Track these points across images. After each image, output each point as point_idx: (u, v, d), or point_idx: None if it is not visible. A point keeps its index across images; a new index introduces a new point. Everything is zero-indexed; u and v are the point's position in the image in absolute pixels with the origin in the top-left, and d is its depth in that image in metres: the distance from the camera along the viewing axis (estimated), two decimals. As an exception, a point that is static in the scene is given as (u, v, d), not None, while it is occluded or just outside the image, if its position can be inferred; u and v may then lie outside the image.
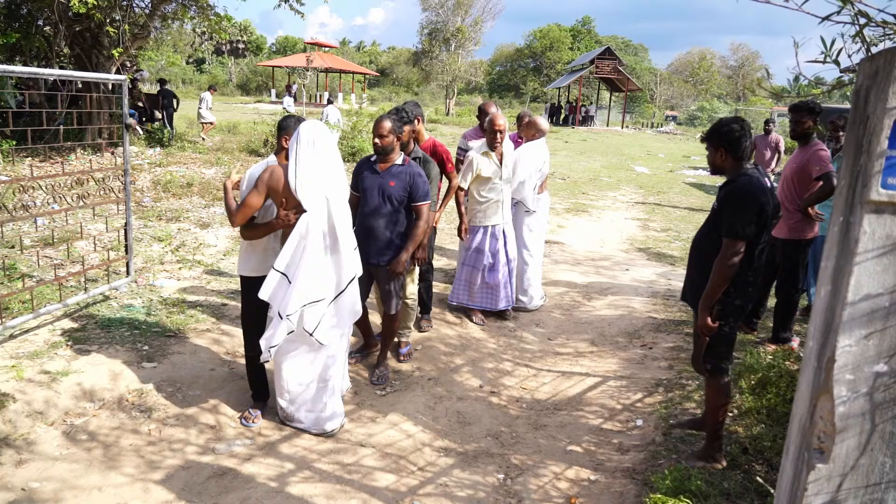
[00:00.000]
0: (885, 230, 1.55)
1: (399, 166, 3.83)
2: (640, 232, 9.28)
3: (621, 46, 61.60)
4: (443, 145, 4.88)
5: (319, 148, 3.08)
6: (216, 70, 55.62)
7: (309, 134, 3.06)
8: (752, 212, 2.73)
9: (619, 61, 37.97)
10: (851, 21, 1.71)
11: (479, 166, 4.87)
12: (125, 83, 4.90)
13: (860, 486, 1.65)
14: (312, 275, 3.12)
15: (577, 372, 4.44)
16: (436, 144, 4.81)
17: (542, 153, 5.41)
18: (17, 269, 5.06)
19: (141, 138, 12.23)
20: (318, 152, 3.07)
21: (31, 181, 4.35)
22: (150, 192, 8.45)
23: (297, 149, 3.05)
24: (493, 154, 4.89)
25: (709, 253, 2.90)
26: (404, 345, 4.51)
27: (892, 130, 1.50)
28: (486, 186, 4.94)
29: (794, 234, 4.39)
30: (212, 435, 3.40)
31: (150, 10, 11.19)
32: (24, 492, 2.81)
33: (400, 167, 3.82)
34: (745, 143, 2.84)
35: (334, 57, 39.91)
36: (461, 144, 5.65)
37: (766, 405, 3.45)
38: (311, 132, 3.07)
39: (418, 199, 3.85)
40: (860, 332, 1.60)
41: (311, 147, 3.05)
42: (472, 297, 5.18)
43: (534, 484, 3.10)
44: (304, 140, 3.05)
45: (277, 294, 3.15)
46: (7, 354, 3.80)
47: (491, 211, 5.00)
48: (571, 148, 21.97)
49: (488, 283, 5.10)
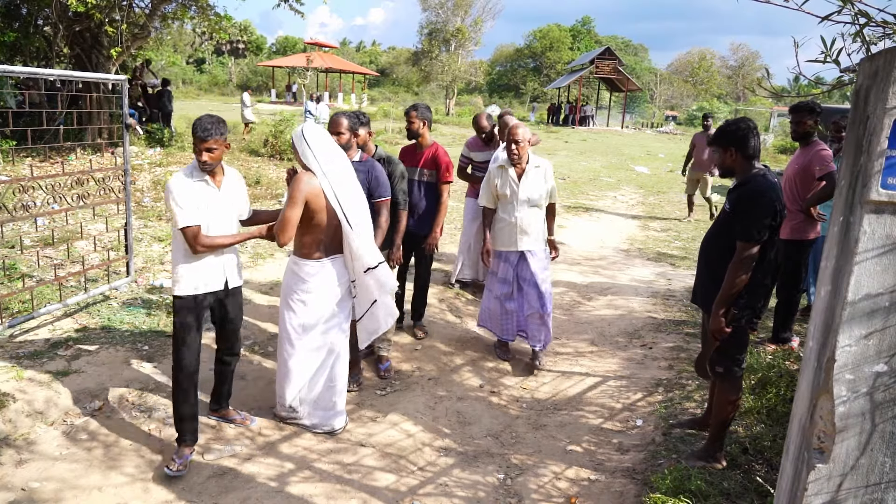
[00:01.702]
0: (885, 230, 1.55)
1: (357, 163, 3.73)
2: (640, 232, 9.27)
3: (621, 46, 61.59)
4: (446, 154, 4.63)
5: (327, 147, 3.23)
6: (216, 70, 55.59)
7: (314, 136, 3.19)
8: (766, 215, 2.73)
9: (619, 61, 37.95)
10: (851, 21, 1.71)
11: (494, 181, 4.31)
12: (125, 83, 4.90)
13: (860, 486, 1.65)
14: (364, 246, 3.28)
15: (577, 372, 4.44)
16: (437, 151, 4.60)
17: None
18: (17, 269, 5.06)
19: (141, 138, 12.22)
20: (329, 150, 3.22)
21: (31, 181, 4.35)
22: (150, 191, 8.45)
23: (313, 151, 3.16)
24: (510, 169, 4.26)
25: (719, 255, 2.89)
26: (384, 360, 4.24)
27: (892, 130, 1.50)
28: (500, 205, 4.34)
29: (796, 234, 4.39)
30: (212, 435, 3.40)
31: (150, 10, 11.19)
32: (25, 492, 2.81)
33: (358, 163, 3.73)
34: (753, 141, 2.84)
35: (334, 57, 39.90)
36: (464, 152, 5.66)
37: (766, 405, 3.45)
38: (316, 133, 3.21)
39: (377, 195, 3.76)
40: (860, 331, 1.60)
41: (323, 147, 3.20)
42: (493, 324, 4.56)
43: (534, 484, 3.10)
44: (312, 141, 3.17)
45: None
46: (7, 354, 3.80)
47: (504, 235, 4.33)
48: (571, 148, 21.96)
49: (507, 312, 4.46)
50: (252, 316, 4.82)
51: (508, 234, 4.30)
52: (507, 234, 4.31)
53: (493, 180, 4.29)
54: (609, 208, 11.00)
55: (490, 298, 4.49)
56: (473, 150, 5.61)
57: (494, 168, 4.32)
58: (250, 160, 11.29)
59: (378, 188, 3.77)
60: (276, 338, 4.48)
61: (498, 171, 4.28)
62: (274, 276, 5.68)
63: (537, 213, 4.29)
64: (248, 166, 10.61)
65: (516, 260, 4.34)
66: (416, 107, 4.61)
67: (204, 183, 3.06)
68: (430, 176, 4.61)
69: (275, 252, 6.40)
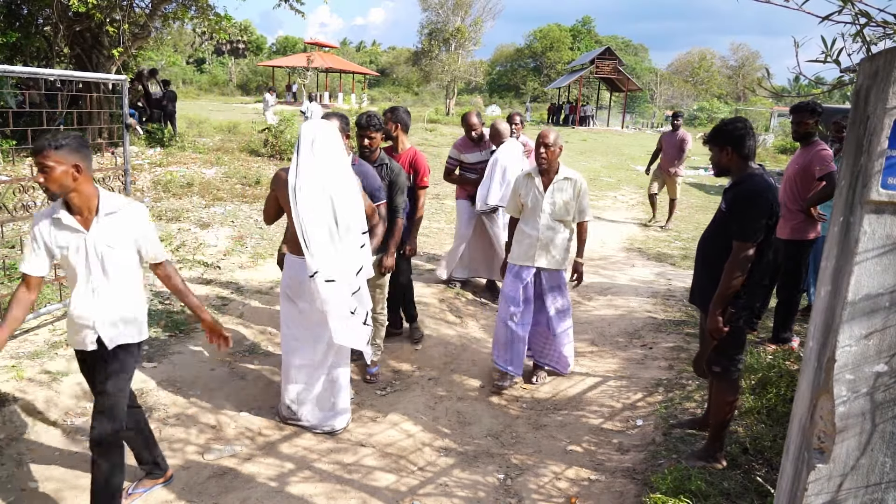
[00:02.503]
0: (885, 230, 1.55)
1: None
2: (640, 232, 9.27)
3: (621, 46, 61.55)
4: (423, 158, 4.56)
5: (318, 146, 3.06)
6: (216, 70, 55.57)
7: (308, 133, 3.07)
8: (763, 214, 2.73)
9: (619, 61, 37.94)
10: (852, 21, 1.71)
11: (520, 190, 4.01)
12: (125, 83, 4.90)
13: (860, 486, 1.65)
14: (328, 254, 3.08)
15: (577, 372, 4.44)
16: (415, 156, 4.56)
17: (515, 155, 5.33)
18: (17, 269, 5.05)
19: (141, 138, 12.21)
20: (316, 151, 3.05)
21: (31, 181, 4.35)
22: (150, 192, 8.44)
23: (299, 148, 3.07)
24: (536, 178, 3.94)
25: (716, 255, 2.89)
26: (372, 364, 4.19)
27: (892, 130, 1.50)
28: (523, 217, 4.04)
29: (796, 234, 4.39)
30: (212, 435, 3.40)
31: (150, 10, 11.18)
32: (25, 491, 2.81)
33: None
34: (749, 141, 2.84)
35: (334, 57, 39.90)
36: (452, 154, 5.57)
37: (767, 405, 3.45)
38: (311, 131, 3.08)
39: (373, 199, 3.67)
40: (860, 331, 1.60)
41: (311, 146, 3.05)
42: (498, 353, 4.16)
43: (534, 484, 3.10)
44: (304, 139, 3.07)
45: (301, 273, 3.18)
46: (7, 354, 3.80)
47: (521, 248, 4.00)
48: (571, 148, 21.94)
49: (513, 339, 4.05)
50: (252, 316, 4.83)
51: (527, 248, 3.97)
52: (526, 248, 3.98)
53: (518, 189, 4.03)
54: (609, 208, 11.00)
55: (497, 323, 4.15)
56: (463, 151, 5.52)
57: (521, 176, 4.04)
58: (250, 160, 11.28)
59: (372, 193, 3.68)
60: (276, 338, 4.48)
61: (524, 179, 4.00)
62: (274, 276, 5.68)
63: (562, 229, 3.95)
64: (249, 166, 10.61)
65: (530, 277, 3.99)
66: (392, 110, 4.61)
67: (60, 220, 2.40)
68: (409, 180, 4.50)
69: (275, 252, 6.39)
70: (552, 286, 4.05)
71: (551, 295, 4.06)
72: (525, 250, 3.99)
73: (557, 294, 4.09)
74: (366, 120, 3.98)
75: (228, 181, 9.31)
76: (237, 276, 5.64)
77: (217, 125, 16.14)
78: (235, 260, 6.06)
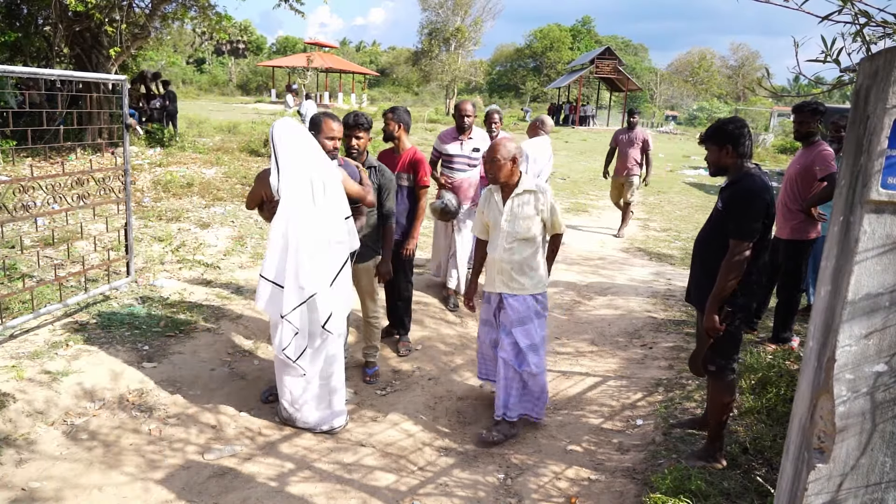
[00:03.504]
0: (885, 230, 1.55)
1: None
2: (640, 232, 9.27)
3: (621, 46, 61.58)
4: (423, 157, 4.51)
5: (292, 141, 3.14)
6: (216, 70, 55.57)
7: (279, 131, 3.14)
8: (759, 212, 2.74)
9: (619, 61, 37.96)
10: (852, 20, 1.71)
11: (482, 207, 3.60)
12: (125, 83, 4.90)
13: (860, 485, 1.65)
14: (303, 269, 3.14)
15: (577, 372, 4.44)
16: (416, 156, 4.51)
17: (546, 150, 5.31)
18: (17, 269, 5.06)
19: (141, 138, 12.21)
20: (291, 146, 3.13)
21: (32, 181, 4.35)
22: (150, 192, 8.44)
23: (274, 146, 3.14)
24: (495, 193, 3.50)
25: (713, 254, 2.90)
26: (371, 365, 4.21)
27: (892, 130, 1.50)
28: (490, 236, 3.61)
29: (796, 234, 4.39)
30: (212, 435, 3.40)
31: (150, 10, 11.19)
32: (25, 491, 2.81)
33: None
34: (746, 140, 2.86)
35: (334, 57, 39.90)
36: (435, 145, 5.37)
37: (766, 405, 3.45)
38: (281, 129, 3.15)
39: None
40: (860, 331, 1.60)
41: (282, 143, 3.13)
42: (489, 373, 3.85)
43: (534, 483, 3.10)
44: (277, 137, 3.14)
45: (272, 301, 3.23)
46: (7, 354, 3.80)
47: (486, 271, 3.61)
48: (571, 148, 21.96)
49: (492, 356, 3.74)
50: (252, 316, 4.82)
51: (488, 271, 3.56)
52: (488, 271, 3.57)
53: (481, 205, 3.62)
54: (609, 208, 10.98)
55: (479, 343, 3.85)
56: (445, 141, 5.25)
57: (485, 191, 3.61)
58: (250, 160, 11.28)
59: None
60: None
61: (487, 194, 3.57)
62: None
63: (524, 249, 3.40)
64: (249, 166, 10.62)
65: (496, 303, 3.58)
66: (393, 109, 4.58)
67: None
68: (409, 180, 4.51)
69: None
70: (513, 315, 3.46)
71: (513, 324, 3.46)
72: (487, 273, 3.59)
73: (519, 322, 3.47)
74: (353, 119, 3.93)
75: (228, 181, 9.31)
76: (237, 276, 5.64)
77: (217, 125, 16.15)
78: (235, 260, 6.06)
